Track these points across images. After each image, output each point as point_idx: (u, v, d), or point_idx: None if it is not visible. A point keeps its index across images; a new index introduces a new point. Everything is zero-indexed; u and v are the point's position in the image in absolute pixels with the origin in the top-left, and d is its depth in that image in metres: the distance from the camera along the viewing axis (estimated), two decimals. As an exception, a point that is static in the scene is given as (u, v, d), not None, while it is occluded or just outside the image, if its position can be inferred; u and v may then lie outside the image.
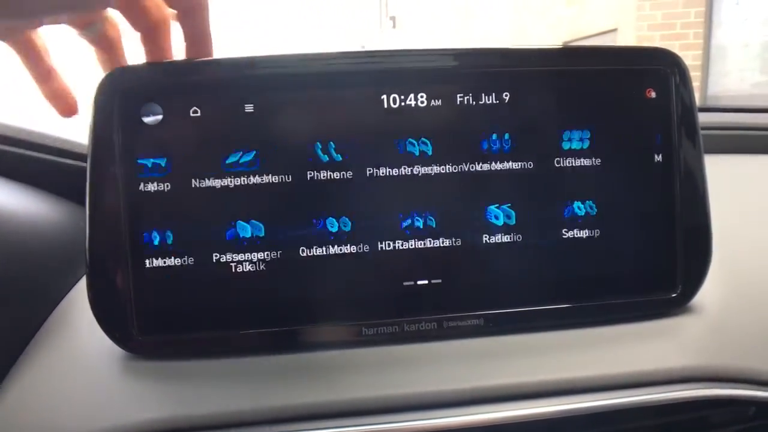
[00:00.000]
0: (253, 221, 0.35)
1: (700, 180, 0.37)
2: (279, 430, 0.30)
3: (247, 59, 0.34)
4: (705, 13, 3.55)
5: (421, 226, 0.35)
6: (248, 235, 0.35)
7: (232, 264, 0.34)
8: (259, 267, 0.35)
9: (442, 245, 0.36)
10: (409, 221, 0.35)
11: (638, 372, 0.33)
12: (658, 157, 0.37)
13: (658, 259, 0.38)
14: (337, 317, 0.35)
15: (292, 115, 0.35)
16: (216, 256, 0.34)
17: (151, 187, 0.34)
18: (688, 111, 0.37)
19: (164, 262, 0.34)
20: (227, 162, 0.34)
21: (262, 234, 0.35)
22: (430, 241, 0.36)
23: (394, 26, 9.95)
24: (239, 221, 0.34)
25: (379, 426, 0.31)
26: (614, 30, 3.85)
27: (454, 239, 0.36)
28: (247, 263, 0.34)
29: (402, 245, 0.35)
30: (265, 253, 0.35)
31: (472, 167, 0.36)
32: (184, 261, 0.34)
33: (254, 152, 0.34)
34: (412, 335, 0.35)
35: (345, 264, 0.35)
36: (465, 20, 6.68)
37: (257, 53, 0.34)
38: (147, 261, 0.34)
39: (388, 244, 0.35)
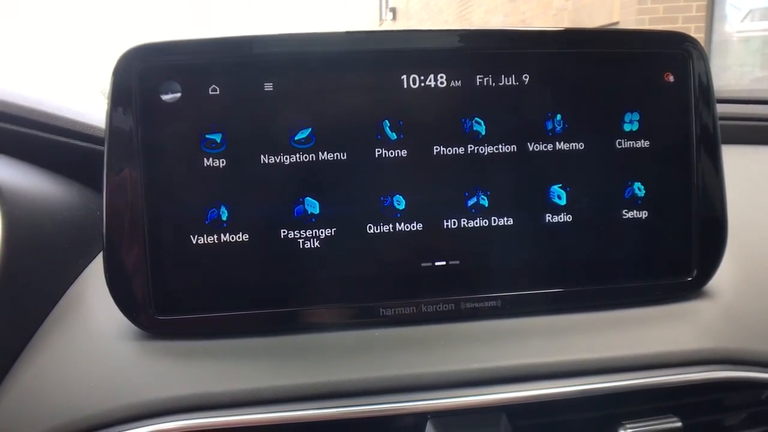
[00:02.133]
0: (317, 199, 0.34)
1: (717, 165, 0.37)
2: (296, 408, 0.30)
3: (272, 37, 0.34)
4: (707, 7, 3.54)
5: (486, 205, 0.35)
6: (317, 211, 0.34)
7: (300, 240, 0.34)
8: (325, 244, 0.34)
9: (499, 224, 0.36)
10: (474, 200, 0.35)
11: (654, 354, 0.33)
12: (676, 142, 0.37)
13: (674, 244, 0.38)
14: (356, 297, 0.35)
15: (341, 92, 0.35)
16: (284, 232, 0.34)
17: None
18: (706, 95, 0.37)
19: (206, 240, 0.34)
20: (296, 139, 0.34)
21: (328, 210, 0.34)
22: (494, 219, 0.36)
23: (394, 18, 9.89)
24: (308, 197, 0.34)
25: (396, 405, 0.31)
26: (615, 23, 3.83)
27: (507, 218, 0.36)
28: (315, 240, 0.34)
29: (467, 223, 0.35)
30: (332, 229, 0.35)
31: (536, 147, 0.36)
32: (237, 238, 0.34)
33: (309, 129, 0.34)
34: (430, 316, 0.35)
35: (407, 241, 0.35)
36: (463, 11, 6.66)
37: (281, 32, 0.34)
38: (191, 238, 0.34)
39: (454, 222, 0.35)
